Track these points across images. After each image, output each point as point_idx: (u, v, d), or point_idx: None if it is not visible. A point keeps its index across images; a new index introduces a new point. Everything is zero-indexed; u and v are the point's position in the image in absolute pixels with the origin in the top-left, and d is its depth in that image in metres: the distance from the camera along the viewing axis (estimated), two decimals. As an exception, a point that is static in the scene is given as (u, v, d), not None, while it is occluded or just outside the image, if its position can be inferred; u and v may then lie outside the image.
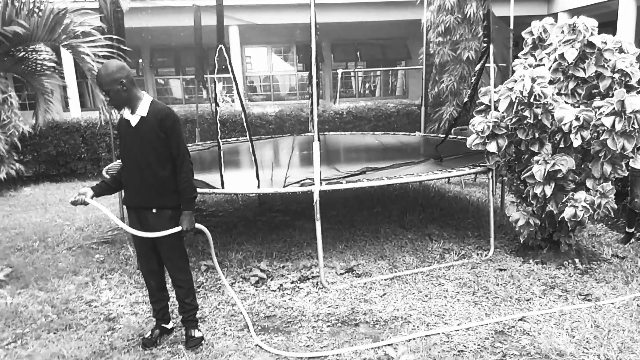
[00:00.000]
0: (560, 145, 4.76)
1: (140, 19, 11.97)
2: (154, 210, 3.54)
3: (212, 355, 3.61)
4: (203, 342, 3.79)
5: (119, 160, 3.81)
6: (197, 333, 3.80)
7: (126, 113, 3.49)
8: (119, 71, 3.34)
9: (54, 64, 6.17)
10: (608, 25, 11.75)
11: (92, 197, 3.56)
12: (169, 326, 3.94)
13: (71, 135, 11.03)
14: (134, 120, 3.46)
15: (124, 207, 3.84)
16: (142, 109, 3.44)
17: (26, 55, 5.75)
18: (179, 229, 3.53)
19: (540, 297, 4.39)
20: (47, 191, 10.18)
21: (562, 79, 4.95)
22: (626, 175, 4.88)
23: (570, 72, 4.86)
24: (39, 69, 5.99)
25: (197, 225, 3.64)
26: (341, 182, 5.10)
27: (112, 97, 3.37)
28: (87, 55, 5.37)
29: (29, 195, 9.82)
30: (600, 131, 4.46)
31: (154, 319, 3.93)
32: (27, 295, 4.82)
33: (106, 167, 6.31)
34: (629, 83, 4.62)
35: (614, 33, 4.88)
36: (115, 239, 6.38)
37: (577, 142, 4.49)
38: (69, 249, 6.14)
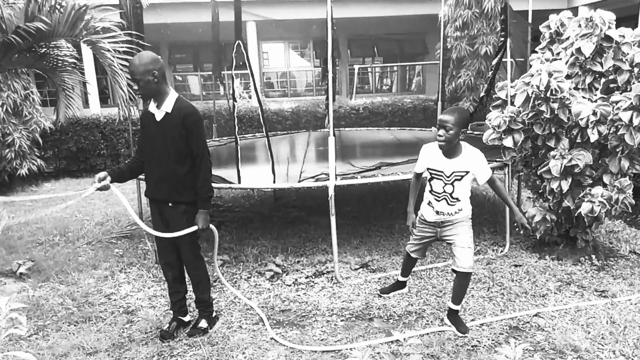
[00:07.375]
0: (577, 140, 4.72)
1: (159, 15, 12.07)
2: (170, 204, 3.63)
3: (227, 348, 3.66)
4: (205, 334, 3.85)
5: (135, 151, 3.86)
6: (203, 324, 3.90)
7: (152, 106, 3.56)
8: (152, 62, 3.41)
9: (74, 60, 6.27)
10: (630, 19, 11.56)
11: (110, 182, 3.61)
12: (186, 319, 4.01)
13: (91, 131, 11.20)
14: (159, 115, 3.53)
15: (143, 200, 3.90)
16: (168, 105, 3.50)
17: (48, 51, 5.85)
18: (194, 228, 3.59)
19: (555, 293, 4.37)
20: (67, 186, 10.36)
21: (579, 73, 4.90)
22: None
23: (587, 66, 4.81)
24: (60, 65, 6.08)
25: (210, 226, 3.71)
26: (356, 177, 5.11)
27: (141, 87, 3.42)
28: (108, 51, 5.44)
29: (50, 191, 9.98)
30: (618, 126, 4.41)
31: (171, 312, 4.01)
32: (48, 288, 4.93)
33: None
34: (648, 77, 4.56)
35: (635, 27, 4.80)
36: (134, 233, 6.48)
37: (594, 137, 4.45)
38: (89, 243, 6.26)
